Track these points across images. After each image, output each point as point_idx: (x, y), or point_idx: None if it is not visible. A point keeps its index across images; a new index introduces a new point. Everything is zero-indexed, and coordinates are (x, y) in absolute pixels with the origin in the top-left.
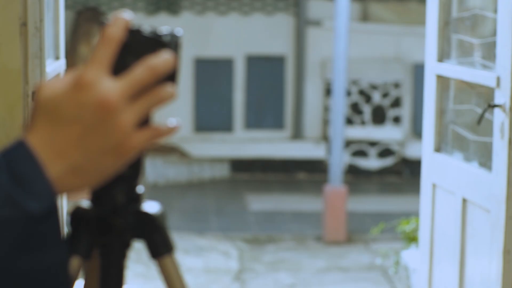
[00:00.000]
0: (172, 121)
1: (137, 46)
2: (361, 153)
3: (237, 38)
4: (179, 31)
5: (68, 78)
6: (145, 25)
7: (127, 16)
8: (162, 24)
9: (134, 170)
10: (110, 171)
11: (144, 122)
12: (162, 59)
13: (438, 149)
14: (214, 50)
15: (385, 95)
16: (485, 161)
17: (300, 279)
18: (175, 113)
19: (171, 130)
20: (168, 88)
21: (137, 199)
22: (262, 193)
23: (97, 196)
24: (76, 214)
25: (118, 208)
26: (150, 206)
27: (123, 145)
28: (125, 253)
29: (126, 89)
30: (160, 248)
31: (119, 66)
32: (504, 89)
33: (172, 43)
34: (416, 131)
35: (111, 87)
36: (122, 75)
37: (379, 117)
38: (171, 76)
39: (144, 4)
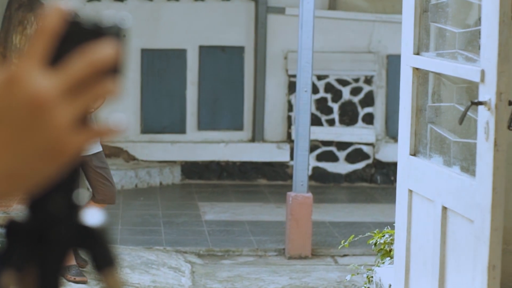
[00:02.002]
0: (116, 120)
1: (76, 37)
2: (328, 157)
3: (189, 26)
4: (124, 19)
5: None
6: (86, 13)
7: (65, 4)
8: (105, 10)
9: (73, 175)
10: (46, 176)
11: (84, 121)
12: (103, 50)
13: (415, 152)
14: (164, 40)
15: (355, 91)
16: (468, 166)
17: None
18: (120, 112)
19: (115, 130)
20: (110, 83)
21: (76, 208)
22: (217, 201)
23: (32, 205)
24: (11, 225)
25: (55, 218)
26: (91, 216)
27: (60, 147)
28: (62, 265)
29: (62, 84)
30: (102, 264)
31: (56, 60)
32: (489, 84)
33: (115, 33)
34: (391, 132)
35: (45, 83)
36: (58, 69)
37: (349, 116)
38: (114, 70)
39: None
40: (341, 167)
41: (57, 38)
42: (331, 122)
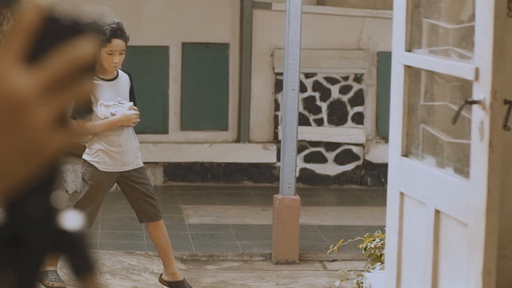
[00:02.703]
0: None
1: (54, 34)
2: (317, 158)
3: (172, 22)
4: (104, 15)
5: None
6: (65, 9)
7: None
8: (84, 6)
9: (51, 177)
10: (24, 177)
11: (63, 120)
12: (82, 48)
13: (406, 152)
14: (145, 37)
15: (345, 90)
16: (462, 167)
17: None
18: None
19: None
20: (90, 81)
21: (54, 211)
22: (201, 204)
23: (9, 207)
24: None
25: (33, 221)
26: (70, 220)
27: (38, 147)
28: (39, 270)
29: (40, 83)
30: (81, 269)
31: (34, 58)
32: (483, 83)
33: (95, 30)
34: (381, 132)
35: (22, 81)
36: (36, 67)
37: (338, 115)
38: (94, 68)
39: None
40: (330, 168)
41: (34, 35)
42: (319, 122)
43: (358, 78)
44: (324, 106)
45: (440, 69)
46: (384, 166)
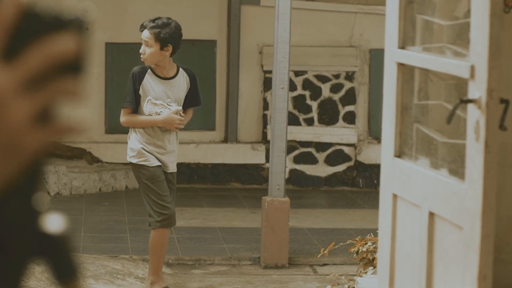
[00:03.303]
0: (79, 118)
1: (34, 30)
2: (307, 159)
3: None
4: (87, 10)
5: None
6: (46, 4)
7: None
8: (66, 2)
9: (32, 177)
10: (3, 177)
11: (45, 118)
12: (63, 44)
13: (400, 153)
14: (130, 33)
15: (336, 88)
16: (457, 168)
17: None
18: (83, 110)
19: (77, 128)
20: (72, 80)
21: (36, 214)
22: (187, 206)
23: None
24: None
25: (13, 224)
26: (52, 222)
27: (16, 145)
28: (20, 276)
29: (18, 78)
30: (63, 274)
31: (12, 54)
32: (479, 81)
33: (77, 25)
34: (374, 132)
35: (0, 77)
36: (15, 63)
37: (328, 115)
38: (76, 66)
39: None
40: (321, 169)
41: (13, 31)
42: (309, 122)
43: (349, 76)
44: (314, 105)
45: (435, 67)
46: (377, 167)
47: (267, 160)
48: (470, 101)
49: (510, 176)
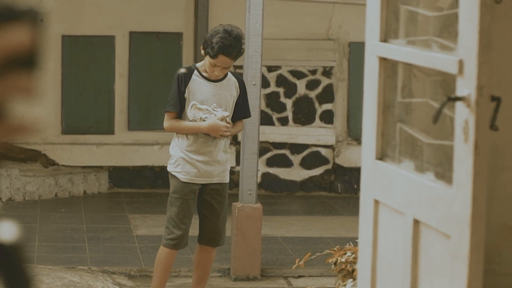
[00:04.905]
0: (33, 117)
1: None
2: (281, 161)
3: (118, 9)
4: (42, 0)
5: None
6: None
7: None
8: None
9: None
10: None
11: None
12: (15, 37)
13: (382, 155)
14: (88, 25)
15: (312, 85)
16: (444, 172)
17: None
18: (37, 108)
19: (31, 128)
20: (25, 76)
21: None
22: (151, 213)
23: None
24: None
25: None
26: (4, 231)
27: None
28: None
29: None
30: (16, 286)
31: None
32: (468, 77)
33: (31, 17)
34: (353, 132)
35: None
36: None
37: (304, 113)
38: (30, 61)
39: None
40: (296, 173)
41: None
42: (283, 121)
43: (327, 72)
44: (289, 103)
45: (420, 62)
46: (357, 171)
47: (238, 163)
48: (458, 98)
49: (502, 180)
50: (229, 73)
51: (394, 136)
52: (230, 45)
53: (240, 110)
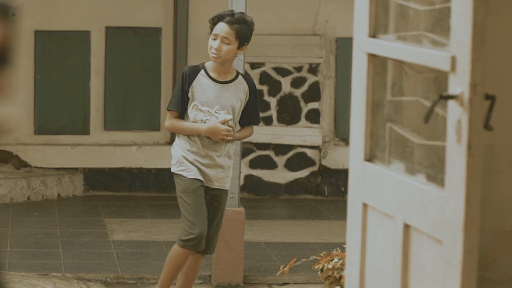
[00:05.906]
0: (3, 115)
1: None
2: (265, 163)
3: (94, 3)
4: None
5: None
6: None
7: None
8: None
9: None
10: None
11: None
12: None
13: (370, 157)
14: (62, 20)
15: (298, 82)
16: (435, 174)
17: None
18: (8, 107)
19: (2, 128)
20: None
21: None
22: (128, 217)
23: None
24: None
25: None
26: None
27: None
28: None
29: None
30: None
31: None
32: (461, 74)
33: (2, 11)
34: (341, 133)
35: None
36: None
37: (289, 113)
38: (2, 57)
39: None
40: (280, 175)
41: None
42: (267, 121)
43: (313, 69)
44: (273, 101)
45: (410, 58)
46: (344, 173)
47: None
48: (451, 97)
49: (496, 183)
50: (240, 76)
51: (384, 137)
52: (231, 13)
53: (248, 115)
